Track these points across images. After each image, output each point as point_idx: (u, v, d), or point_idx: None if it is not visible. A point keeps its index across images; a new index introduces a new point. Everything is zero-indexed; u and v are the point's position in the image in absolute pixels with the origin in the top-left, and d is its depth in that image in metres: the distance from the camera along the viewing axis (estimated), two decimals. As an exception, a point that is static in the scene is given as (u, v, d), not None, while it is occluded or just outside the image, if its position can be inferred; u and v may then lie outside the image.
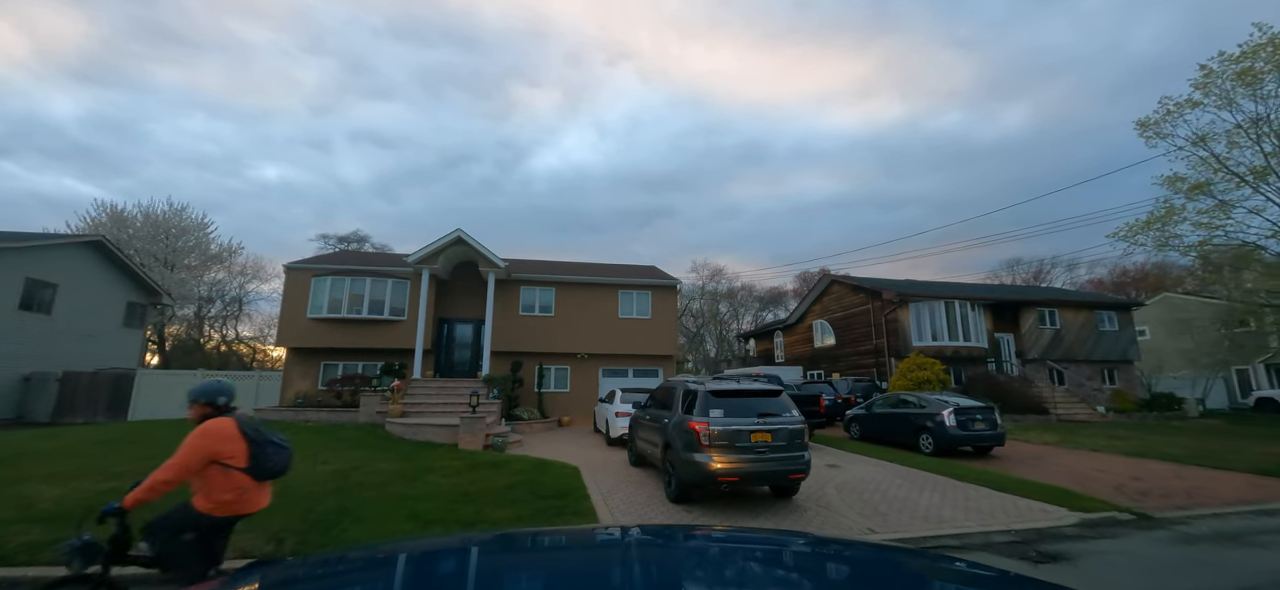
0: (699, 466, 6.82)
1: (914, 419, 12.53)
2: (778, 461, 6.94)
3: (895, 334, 21.73)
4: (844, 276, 25.60)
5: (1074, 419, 18.95)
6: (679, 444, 7.30)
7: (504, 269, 17.76)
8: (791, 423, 7.14)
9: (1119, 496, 8.13)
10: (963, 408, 11.75)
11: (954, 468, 10.04)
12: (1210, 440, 14.07)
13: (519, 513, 6.87)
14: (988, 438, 11.69)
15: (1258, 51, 18.29)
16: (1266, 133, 18.68)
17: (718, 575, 1.41)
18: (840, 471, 10.02)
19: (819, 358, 27.00)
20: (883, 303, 22.29)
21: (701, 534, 2.22)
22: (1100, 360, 24.37)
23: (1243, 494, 8.38)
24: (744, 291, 61.52)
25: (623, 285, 20.00)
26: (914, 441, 12.42)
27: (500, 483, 8.47)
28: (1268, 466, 10.24)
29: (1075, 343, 24.03)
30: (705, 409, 7.08)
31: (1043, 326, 23.82)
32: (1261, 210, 19.09)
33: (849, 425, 15.04)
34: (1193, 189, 20.14)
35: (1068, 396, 21.24)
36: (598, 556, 1.64)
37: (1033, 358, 23.20)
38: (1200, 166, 20.11)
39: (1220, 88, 19.26)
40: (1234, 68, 18.80)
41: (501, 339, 18.57)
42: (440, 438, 12.33)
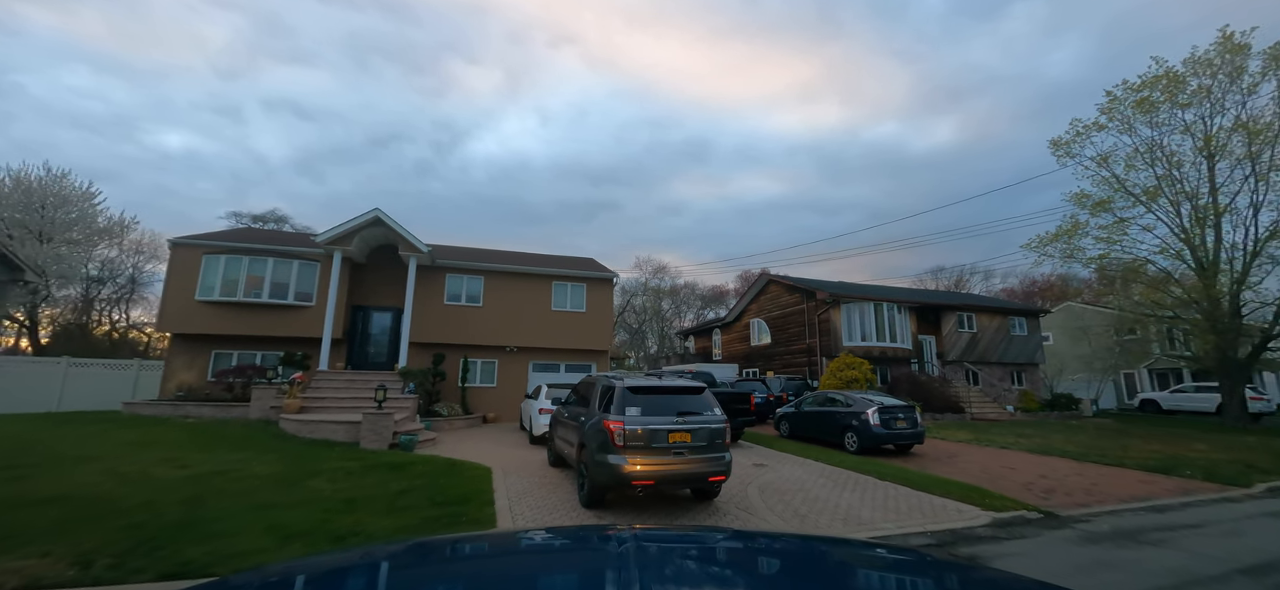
0: (612, 469, 6.26)
1: (840, 418, 12.57)
2: (697, 463, 6.50)
3: (827, 334, 22.16)
4: (781, 277, 25.94)
5: (986, 418, 19.97)
6: (593, 444, 6.72)
7: (427, 254, 16.53)
8: (712, 422, 6.71)
9: (1027, 495, 8.30)
10: (886, 407, 11.87)
11: (876, 466, 10.04)
12: (1103, 438, 15.06)
13: (405, 523, 6.05)
14: (908, 436, 11.87)
15: (1155, 82, 19.88)
16: (1159, 157, 20.40)
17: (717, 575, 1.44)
18: (765, 471, 9.78)
19: (755, 356, 27.25)
20: (817, 303, 22.68)
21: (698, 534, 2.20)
22: (1010, 363, 25.98)
23: (1135, 491, 8.78)
24: (687, 289, 61.93)
25: (557, 276, 19.18)
26: (840, 440, 12.45)
27: (395, 487, 7.58)
28: (1152, 463, 10.93)
29: (989, 346, 25.48)
30: (621, 407, 6.53)
31: (961, 330, 25.09)
32: (1152, 228, 20.86)
33: (779, 423, 15.00)
34: (1096, 205, 21.76)
35: (981, 396, 22.43)
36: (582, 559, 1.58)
37: (951, 359, 24.39)
38: (1103, 185, 21.76)
39: (1122, 113, 20.85)
40: (1134, 96, 20.38)
41: (423, 329, 17.31)
42: (340, 436, 11.15)
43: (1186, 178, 20.08)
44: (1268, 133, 18.05)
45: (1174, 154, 20.18)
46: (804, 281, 25.04)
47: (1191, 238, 19.81)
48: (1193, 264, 19.93)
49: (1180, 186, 20.08)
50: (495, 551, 1.69)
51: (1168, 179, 20.24)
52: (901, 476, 9.14)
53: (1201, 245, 19.65)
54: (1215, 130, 19.21)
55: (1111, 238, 21.52)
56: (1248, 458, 11.87)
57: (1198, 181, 19.88)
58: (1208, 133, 19.36)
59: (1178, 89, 19.45)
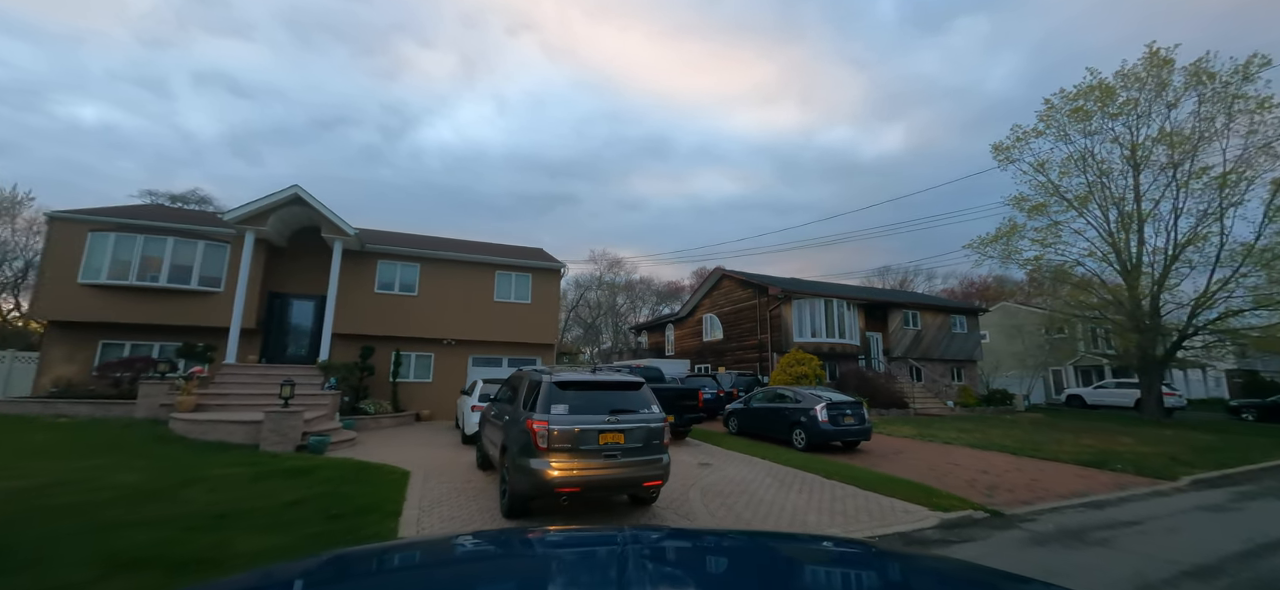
0: (534, 475, 5.51)
1: (788, 414, 12.25)
2: (631, 466, 5.83)
3: (778, 329, 22.07)
4: (734, 272, 25.73)
5: (929, 413, 20.36)
6: (515, 447, 5.95)
7: (354, 237, 15.16)
8: (650, 421, 6.06)
9: (973, 493, 8.11)
10: (834, 403, 11.62)
11: (824, 464, 9.72)
12: (1037, 432, 15.46)
13: (282, 542, 5.10)
14: (856, 432, 11.66)
15: (1089, 92, 20.71)
16: (1090, 164, 21.32)
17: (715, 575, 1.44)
18: (711, 471, 9.27)
19: (707, 352, 26.98)
20: (769, 299, 22.55)
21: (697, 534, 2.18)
22: (951, 359, 26.78)
23: (1073, 486, 8.78)
24: (643, 285, 61.52)
25: (500, 265, 18.12)
26: (788, 436, 12.14)
27: (287, 497, 6.55)
28: (1086, 457, 11.11)
29: (932, 343, 26.16)
30: (547, 404, 5.78)
31: (907, 327, 25.63)
32: (1083, 232, 21.81)
33: (727, 420, 14.61)
34: (1033, 209, 22.61)
35: (924, 392, 22.92)
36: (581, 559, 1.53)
37: (897, 356, 24.86)
38: (1039, 190, 22.62)
39: (1058, 121, 21.67)
40: (1070, 105, 21.20)
41: (350, 320, 15.93)
42: (239, 438, 9.87)
43: (1114, 185, 21.11)
44: (1187, 144, 19.10)
45: (1104, 162, 21.17)
46: (756, 277, 24.91)
47: (1118, 242, 20.82)
48: (1118, 267, 20.95)
49: (1109, 193, 21.08)
50: (494, 551, 1.66)
51: (1098, 185, 21.21)
52: (849, 475, 8.81)
53: (1126, 249, 20.67)
54: (1141, 140, 20.21)
55: (1046, 240, 22.41)
56: (1170, 450, 12.32)
57: (1124, 189, 20.91)
58: (1134, 142, 20.37)
59: (1109, 100, 20.35)
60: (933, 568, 1.79)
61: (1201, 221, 19.27)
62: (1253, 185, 18.59)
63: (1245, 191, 18.61)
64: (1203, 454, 12.04)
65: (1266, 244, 18.65)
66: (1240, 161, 18.45)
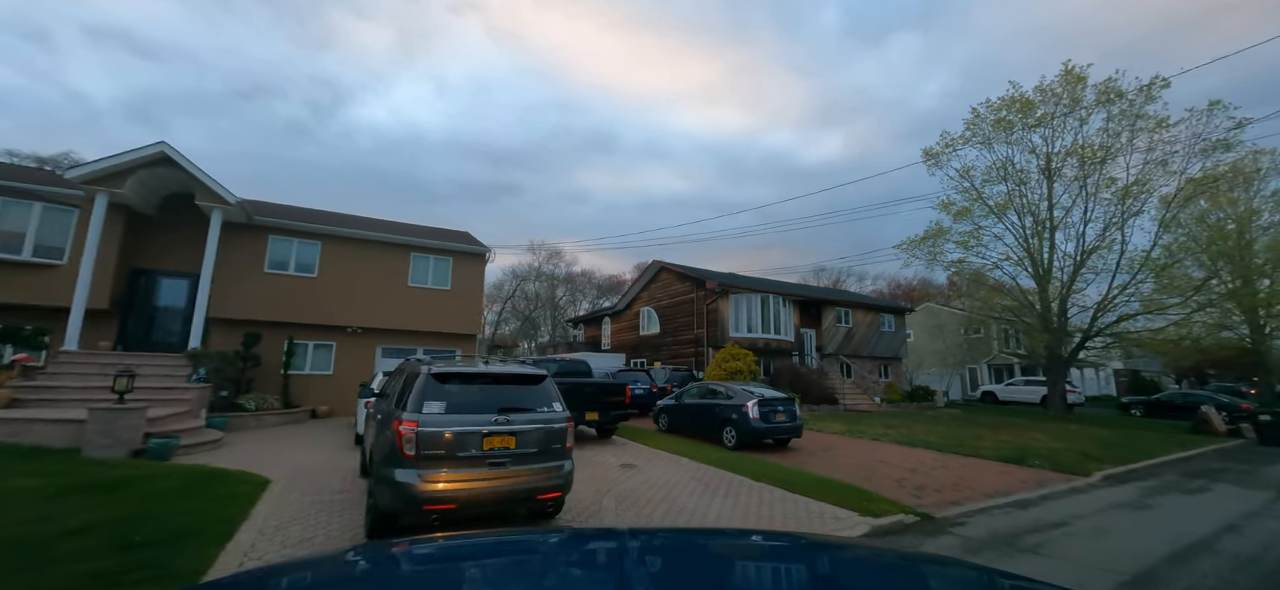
0: (398, 488, 4.44)
1: (719, 411, 11.65)
2: (522, 476, 4.85)
3: (715, 324, 21.66)
4: (672, 265, 25.15)
5: (858, 409, 20.60)
6: (380, 453, 4.86)
7: (236, 206, 13.15)
8: (549, 421, 5.11)
9: (902, 494, 7.75)
10: (766, 399, 11.12)
11: (753, 465, 9.15)
12: (958, 428, 15.77)
13: (34, 585, 3.76)
14: (787, 430, 11.22)
15: (1011, 104, 21.56)
16: (1010, 173, 22.27)
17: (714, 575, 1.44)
18: (633, 474, 8.43)
19: (644, 346, 26.29)
20: (706, 293, 22.10)
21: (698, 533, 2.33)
22: (879, 357, 27.51)
23: (997, 483, 8.64)
24: (584, 278, 60.33)
25: (417, 247, 16.49)
26: (719, 434, 11.54)
27: (77, 521, 5.09)
28: (1004, 453, 11.21)
29: (862, 340, 26.74)
30: (419, 401, 4.70)
31: (839, 324, 26.02)
32: (1002, 237, 22.80)
33: (658, 417, 13.89)
34: (958, 213, 23.44)
35: (854, 388, 23.29)
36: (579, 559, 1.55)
37: (829, 352, 25.17)
38: (964, 195, 23.49)
39: (983, 130, 22.48)
40: (994, 114, 22.03)
41: (233, 303, 13.90)
42: (59, 440, 8.03)
43: (1031, 193, 22.15)
44: (1095, 157, 20.27)
45: (1022, 171, 22.18)
46: (694, 270, 24.45)
47: (1032, 248, 21.90)
48: (1032, 271, 22.06)
49: (1026, 200, 22.12)
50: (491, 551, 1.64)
51: (1016, 193, 22.22)
52: (778, 477, 8.24)
53: (1039, 254, 21.77)
54: (1056, 151, 21.29)
55: (969, 244, 23.32)
56: (1079, 446, 12.74)
57: (1040, 197, 21.97)
58: (1049, 153, 21.43)
59: (1028, 112, 21.27)
60: (936, 567, 1.80)
61: (1106, 230, 20.54)
62: (1150, 198, 19.99)
63: (1143, 204, 19.99)
64: (1108, 449, 12.51)
65: (1158, 255, 20.21)
66: (1140, 176, 19.76)
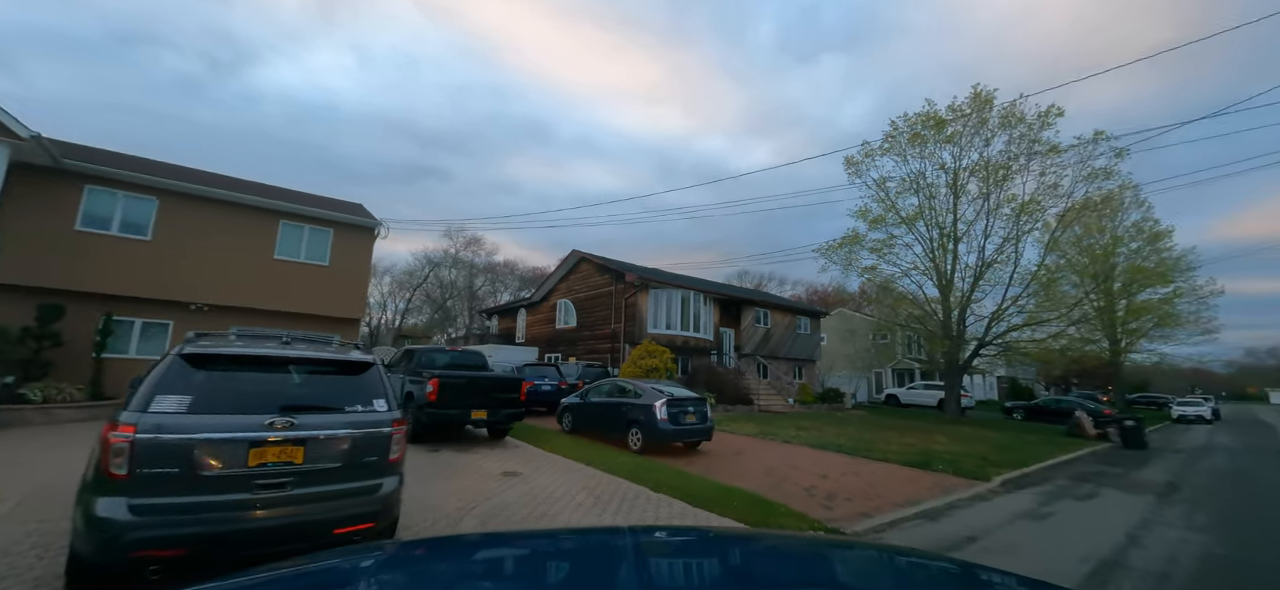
0: (95, 526, 2.93)
1: (626, 410, 10.63)
2: (312, 505, 3.46)
3: (633, 319, 20.73)
4: (592, 256, 23.95)
5: (772, 409, 20.48)
6: (87, 474, 3.28)
7: (31, 142, 10.34)
8: (363, 425, 3.75)
9: (812, 505, 7.09)
10: (676, 399, 10.23)
11: (657, 472, 8.20)
12: (866, 430, 15.83)
13: None
14: (698, 432, 10.41)
15: (926, 120, 22.36)
16: (922, 186, 23.14)
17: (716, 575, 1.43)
18: (516, 485, 7.18)
19: (560, 340, 24.90)
20: (625, 286, 21.12)
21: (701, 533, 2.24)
22: (795, 358, 27.90)
23: (905, 491, 8.28)
24: (506, 268, 57.68)
25: (289, 214, 14.10)
26: (625, 436, 10.53)
27: None
28: (909, 457, 11.07)
29: (779, 342, 26.95)
30: (149, 395, 3.20)
31: (758, 325, 26.03)
32: (912, 246, 23.66)
33: (562, 416, 12.68)
34: (874, 221, 24.09)
35: (769, 389, 23.27)
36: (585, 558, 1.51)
37: (746, 352, 25.08)
38: (880, 204, 24.21)
39: (900, 143, 23.19)
40: (910, 129, 22.77)
41: (28, 265, 11.04)
42: None
43: (939, 207, 23.11)
44: (997, 176, 21.45)
45: (932, 185, 23.09)
46: (614, 262, 23.40)
47: (938, 259, 22.89)
48: (936, 281, 23.07)
49: (934, 214, 23.06)
50: (490, 551, 1.60)
51: (926, 205, 23.10)
52: (682, 487, 7.32)
53: (944, 265, 22.79)
54: (963, 168, 22.31)
55: (882, 251, 24.10)
56: (977, 450, 12.99)
57: (946, 211, 22.98)
58: (957, 169, 22.44)
59: (940, 129, 22.14)
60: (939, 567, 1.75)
61: (1003, 245, 21.82)
62: (1043, 215, 21.45)
63: (1037, 221, 21.41)
64: (1001, 452, 12.84)
65: (1042, 273, 21.82)
66: (1035, 195, 21.13)
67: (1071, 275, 25.62)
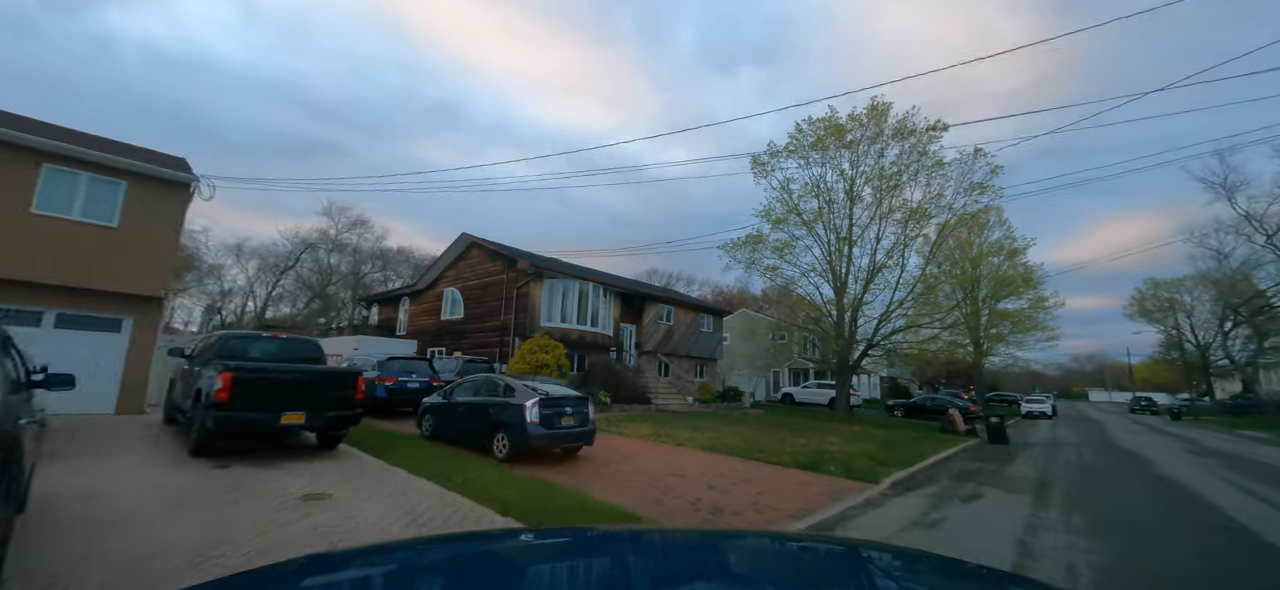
0: None
1: (493, 412, 9.03)
2: None
3: (526, 311, 18.97)
4: (484, 241, 21.81)
5: (670, 409, 19.67)
6: None
7: None
8: None
9: (695, 518, 6.01)
10: (551, 398, 8.80)
11: (514, 487, 6.75)
12: (761, 430, 15.39)
13: None
14: (576, 436, 9.04)
15: (828, 125, 22.72)
16: (823, 190, 23.56)
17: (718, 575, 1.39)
18: (315, 512, 5.38)
19: (446, 332, 22.47)
20: (518, 274, 19.30)
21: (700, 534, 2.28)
22: (696, 357, 27.52)
23: (796, 498, 7.54)
24: (400, 256, 52.84)
25: (55, 157, 10.76)
26: (489, 442, 8.91)
27: None
28: (802, 459, 10.55)
29: (682, 340, 26.40)
30: None
31: (661, 322, 25.26)
32: (811, 248, 24.04)
33: (422, 418, 10.78)
34: (777, 221, 24.22)
35: (669, 387, 22.53)
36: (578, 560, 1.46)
37: (648, 350, 24.20)
38: (783, 206, 24.42)
39: (802, 146, 23.45)
40: (814, 132, 23.06)
41: None
42: None
43: (837, 211, 23.67)
44: (890, 183, 22.30)
45: (832, 189, 23.62)
46: (507, 248, 21.48)
47: (834, 262, 23.44)
48: (832, 283, 23.62)
49: (832, 218, 23.60)
50: (490, 551, 1.52)
51: (826, 210, 23.59)
52: (540, 506, 5.94)
53: (839, 268, 23.38)
54: (859, 174, 22.97)
55: (784, 251, 24.33)
56: (864, 447, 12.88)
57: (843, 216, 23.58)
58: (854, 176, 23.08)
59: (840, 136, 22.63)
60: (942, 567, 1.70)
61: (893, 249, 22.74)
62: (926, 225, 22.60)
63: (922, 229, 22.52)
64: (888, 450, 12.83)
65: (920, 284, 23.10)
66: (921, 205, 22.20)
67: (946, 285, 27.57)
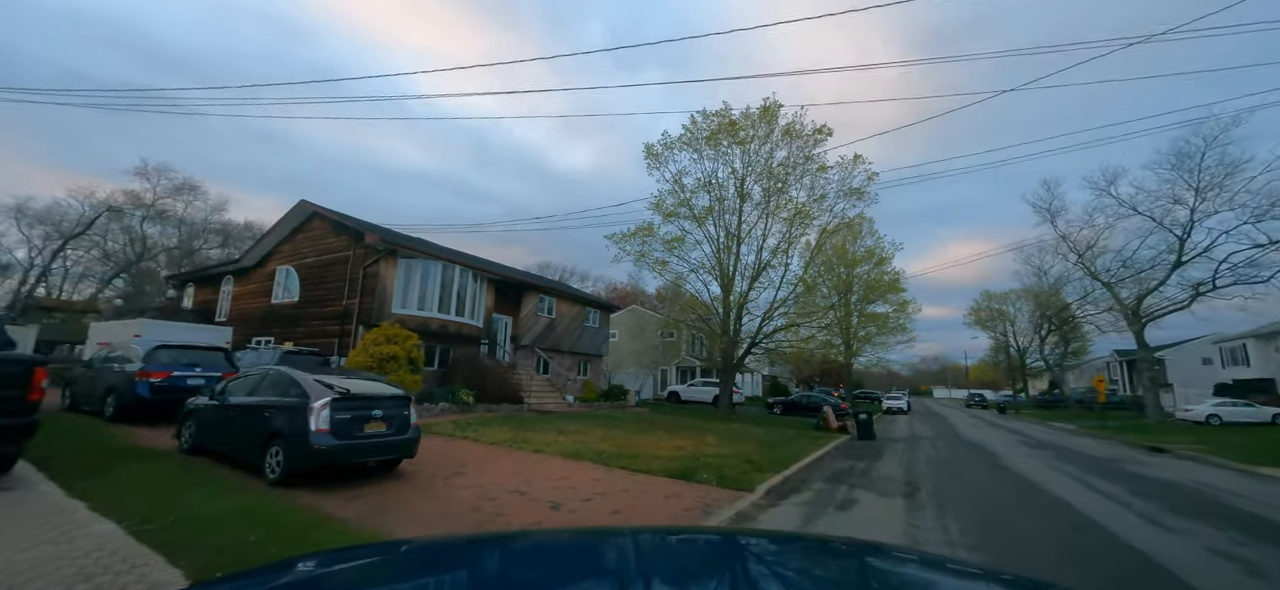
0: None
1: (268, 416, 6.69)
2: None
3: (373, 294, 16.08)
4: (327, 210, 18.40)
5: (545, 408, 17.87)
6: None
7: None
8: None
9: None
10: (350, 398, 6.65)
11: (267, 524, 4.66)
12: (637, 432, 14.13)
13: None
14: (386, 448, 6.97)
15: (722, 120, 22.27)
16: (714, 186, 23.11)
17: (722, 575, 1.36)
18: None
19: (276, 318, 18.68)
20: (365, 250, 16.34)
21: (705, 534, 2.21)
22: (581, 353, 25.92)
23: (662, 518, 6.25)
24: (245, 230, 45.13)
25: None
26: (260, 458, 6.57)
27: None
28: (675, 466, 9.41)
29: (565, 334, 24.65)
30: None
31: (541, 314, 23.29)
32: (701, 244, 23.53)
33: (182, 426, 8.03)
34: (668, 214, 23.41)
35: (547, 385, 20.70)
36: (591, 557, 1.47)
37: (525, 343, 22.13)
38: (675, 199, 23.67)
39: (697, 139, 22.84)
40: (709, 125, 22.47)
41: None
42: None
43: (728, 208, 23.36)
44: (777, 183, 22.37)
45: (723, 186, 23.26)
46: (354, 220, 18.32)
47: (722, 259, 23.11)
48: (719, 279, 23.28)
49: (722, 215, 23.25)
50: (490, 552, 1.51)
51: (717, 206, 23.18)
52: (263, 561, 3.89)
53: (727, 266, 23.08)
54: (749, 172, 22.81)
55: (675, 246, 23.61)
56: (742, 449, 12.14)
57: (733, 213, 23.33)
58: (744, 175, 22.88)
59: (733, 132, 22.29)
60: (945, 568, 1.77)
61: (777, 249, 22.87)
62: (809, 227, 23.00)
63: (806, 229, 22.91)
64: (765, 451, 12.20)
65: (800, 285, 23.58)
66: (805, 205, 22.53)
67: (824, 287, 28.71)
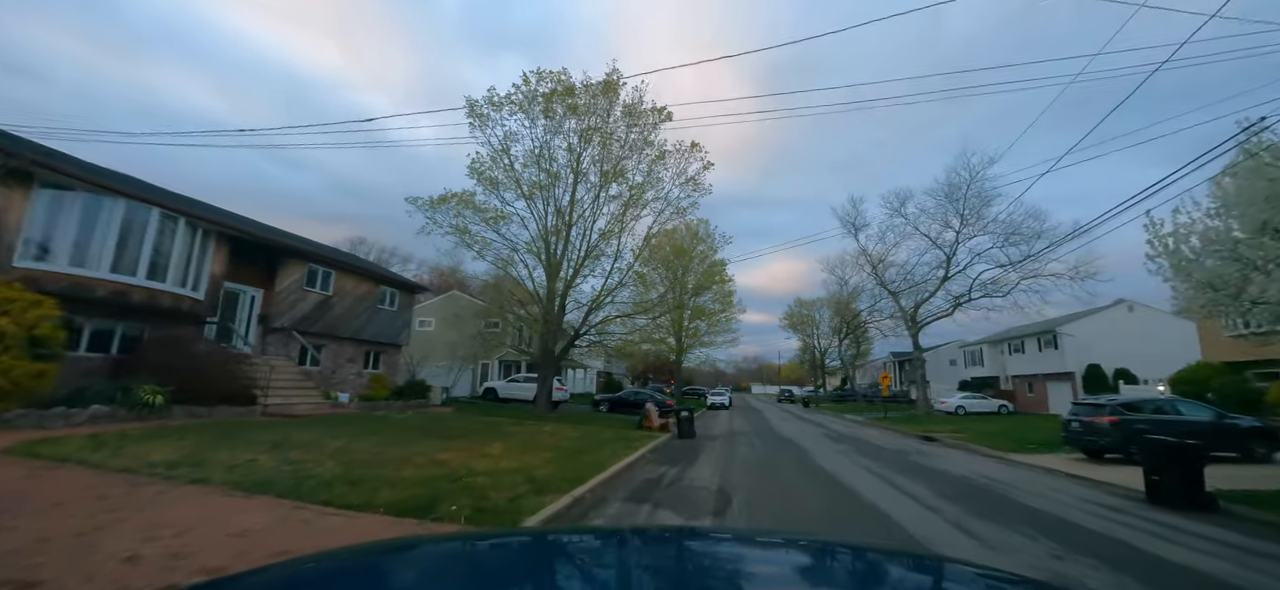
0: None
1: None
2: None
3: (-23, 234, 10.24)
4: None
5: (292, 411, 13.43)
6: None
7: None
8: None
9: None
10: None
11: None
12: (399, 443, 10.59)
13: None
14: None
15: (559, 83, 19.69)
16: (546, 161, 20.44)
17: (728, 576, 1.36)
18: None
19: None
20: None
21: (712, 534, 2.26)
22: (371, 341, 21.25)
23: None
24: None
25: None
26: None
27: None
28: (413, 496, 6.57)
29: (348, 316, 19.84)
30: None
31: (311, 289, 18.25)
32: (528, 224, 20.79)
33: None
34: (489, 182, 20.24)
35: (301, 379, 16.01)
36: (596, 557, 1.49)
37: (282, 326, 17.01)
38: (502, 169, 20.51)
39: (530, 101, 19.89)
40: (544, 85, 19.67)
41: None
42: None
43: (560, 187, 20.86)
44: (615, 165, 20.54)
45: (556, 162, 20.69)
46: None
47: (550, 241, 20.58)
48: (545, 262, 20.72)
49: (552, 193, 20.69)
50: (490, 551, 1.54)
51: (548, 183, 20.54)
52: None
53: (554, 249, 20.61)
54: (583, 146, 20.53)
55: (496, 223, 20.50)
56: (532, 459, 9.81)
57: (565, 192, 20.90)
58: (580, 151, 20.56)
59: (571, 98, 19.80)
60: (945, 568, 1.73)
61: (608, 233, 21.03)
62: (642, 214, 21.61)
63: (640, 216, 21.49)
64: (566, 461, 10.03)
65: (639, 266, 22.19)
66: (641, 187, 21.04)
67: (657, 277, 27.93)
